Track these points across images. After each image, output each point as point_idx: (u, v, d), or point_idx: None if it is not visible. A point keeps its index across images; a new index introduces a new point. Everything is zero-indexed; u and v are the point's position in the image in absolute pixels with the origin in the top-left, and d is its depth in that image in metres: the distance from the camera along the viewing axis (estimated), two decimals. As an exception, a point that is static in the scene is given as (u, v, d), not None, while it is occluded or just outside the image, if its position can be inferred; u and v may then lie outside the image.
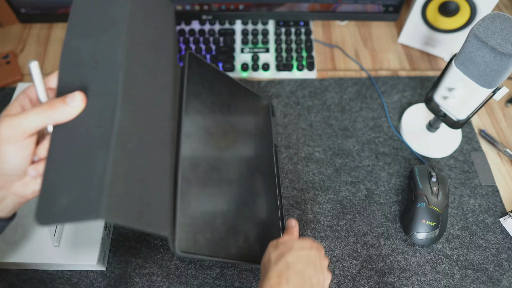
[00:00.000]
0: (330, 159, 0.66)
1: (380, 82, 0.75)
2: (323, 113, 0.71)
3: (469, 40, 0.50)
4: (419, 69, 0.78)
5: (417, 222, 0.57)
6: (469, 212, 0.62)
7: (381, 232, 0.60)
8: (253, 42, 0.78)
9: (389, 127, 0.70)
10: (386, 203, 0.63)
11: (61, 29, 0.81)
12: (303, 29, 0.80)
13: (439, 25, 0.73)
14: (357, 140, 0.69)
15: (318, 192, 0.63)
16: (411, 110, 0.71)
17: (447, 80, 0.56)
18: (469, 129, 0.70)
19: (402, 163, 0.66)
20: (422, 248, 0.59)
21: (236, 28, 0.79)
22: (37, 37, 0.80)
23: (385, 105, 0.72)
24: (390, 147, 0.68)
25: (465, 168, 0.66)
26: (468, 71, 0.52)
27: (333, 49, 0.80)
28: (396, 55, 0.80)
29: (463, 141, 0.69)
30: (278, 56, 0.76)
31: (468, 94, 0.55)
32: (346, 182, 0.64)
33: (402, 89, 0.74)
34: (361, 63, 0.78)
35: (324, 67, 0.78)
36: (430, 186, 0.59)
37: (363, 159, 0.67)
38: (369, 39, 0.82)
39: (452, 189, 0.64)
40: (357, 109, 0.72)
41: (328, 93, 0.73)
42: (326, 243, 0.59)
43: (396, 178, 0.65)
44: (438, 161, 0.67)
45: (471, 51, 0.50)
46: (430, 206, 0.58)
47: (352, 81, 0.75)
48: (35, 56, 0.78)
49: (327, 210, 0.62)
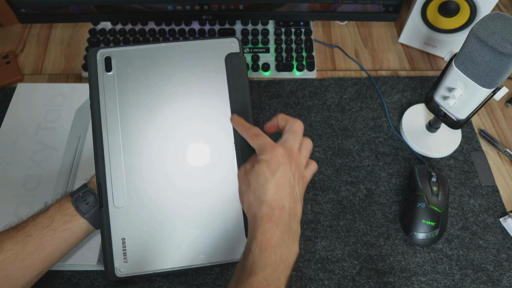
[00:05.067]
0: (330, 159, 0.67)
1: (380, 82, 0.75)
2: (323, 113, 0.71)
3: (469, 40, 0.50)
4: (419, 69, 0.78)
5: (417, 222, 0.57)
6: (469, 212, 0.62)
7: (381, 232, 0.60)
8: (253, 42, 0.78)
9: (389, 127, 0.70)
10: (386, 203, 0.63)
11: (61, 29, 0.81)
12: (303, 29, 0.80)
13: (439, 25, 0.73)
14: (357, 140, 0.69)
15: (318, 192, 0.63)
16: (411, 110, 0.71)
17: (447, 80, 0.56)
18: (469, 129, 0.70)
19: (402, 163, 0.66)
20: (422, 248, 0.59)
21: (236, 28, 0.80)
22: (37, 37, 0.80)
23: (385, 105, 0.72)
24: (390, 147, 0.68)
25: (465, 168, 0.66)
26: (468, 71, 0.52)
27: (333, 49, 0.80)
28: (396, 55, 0.80)
29: (463, 141, 0.69)
30: (278, 56, 0.76)
31: (468, 94, 0.55)
32: (346, 182, 0.64)
33: (402, 89, 0.74)
34: (361, 63, 0.78)
35: (324, 67, 0.78)
36: (430, 186, 0.59)
37: (363, 159, 0.67)
38: (369, 39, 0.82)
39: (452, 189, 0.64)
40: (357, 109, 0.72)
41: (328, 93, 0.73)
42: (326, 243, 0.59)
43: (396, 178, 0.65)
44: (438, 161, 0.67)
45: (471, 51, 0.50)
46: (430, 206, 0.58)
47: (352, 81, 0.75)
48: (35, 56, 0.78)
49: (327, 210, 0.62)
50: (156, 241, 0.48)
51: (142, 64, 0.50)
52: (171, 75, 0.50)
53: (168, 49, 0.51)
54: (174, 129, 0.50)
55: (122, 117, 0.49)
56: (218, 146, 0.50)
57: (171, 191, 0.49)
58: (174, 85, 0.50)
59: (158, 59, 0.50)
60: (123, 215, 0.48)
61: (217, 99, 0.50)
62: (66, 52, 0.78)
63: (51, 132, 0.63)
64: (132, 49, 0.50)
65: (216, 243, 0.49)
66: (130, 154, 0.49)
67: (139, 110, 0.49)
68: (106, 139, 0.48)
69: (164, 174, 0.49)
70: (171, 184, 0.49)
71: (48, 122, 0.64)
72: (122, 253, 0.47)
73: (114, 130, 0.49)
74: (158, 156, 0.49)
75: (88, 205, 0.48)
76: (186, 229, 0.49)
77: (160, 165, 0.49)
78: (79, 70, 0.76)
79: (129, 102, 0.49)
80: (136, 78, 0.50)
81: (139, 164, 0.49)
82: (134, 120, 0.49)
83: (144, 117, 0.49)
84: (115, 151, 0.48)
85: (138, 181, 0.48)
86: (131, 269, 0.48)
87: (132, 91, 0.49)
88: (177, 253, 0.49)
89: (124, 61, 0.50)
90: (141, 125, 0.49)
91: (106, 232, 0.47)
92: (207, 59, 0.51)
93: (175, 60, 0.51)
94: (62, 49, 0.79)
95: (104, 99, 0.49)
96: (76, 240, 0.48)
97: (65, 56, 0.78)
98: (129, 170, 0.48)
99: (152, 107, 0.50)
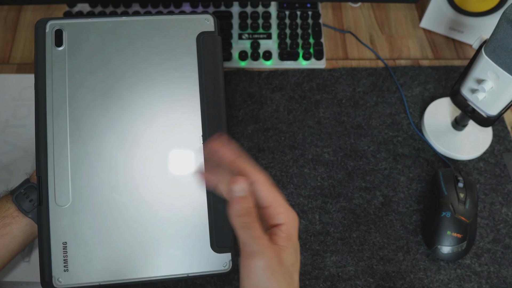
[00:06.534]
0: (341, 162, 0.66)
1: (398, 73, 0.75)
2: (333, 108, 0.71)
3: (501, 24, 0.49)
4: (443, 58, 0.78)
5: (442, 234, 0.57)
6: (502, 222, 0.62)
7: (400, 245, 0.60)
8: (253, 27, 0.78)
9: (409, 125, 0.70)
10: (406, 212, 0.63)
11: (31, 12, 0.81)
12: (310, 12, 0.80)
13: (467, 7, 0.73)
14: (372, 139, 0.69)
15: (327, 200, 0.63)
16: (434, 105, 0.71)
17: (476, 70, 0.56)
18: (501, 127, 0.70)
19: (424, 166, 0.66)
20: (447, 264, 0.59)
21: (233, 11, 0.79)
22: (4, 21, 0.80)
23: (404, 99, 0.72)
24: (411, 148, 0.68)
25: (496, 172, 0.66)
26: (500, 60, 0.52)
27: (344, 34, 0.80)
28: (417, 41, 0.80)
29: (494, 141, 0.69)
30: (281, 43, 0.76)
31: (500, 87, 0.54)
32: (360, 188, 0.64)
33: (424, 81, 0.74)
34: (377, 51, 0.78)
35: (335, 55, 0.78)
36: (457, 192, 0.59)
37: (379, 162, 0.67)
38: (386, 23, 0.82)
39: (481, 196, 0.64)
40: (372, 103, 0.72)
41: (339, 86, 0.73)
42: (337, 258, 0.59)
43: (417, 183, 0.65)
44: (466, 163, 0.67)
45: (504, 37, 0.50)
46: (457, 216, 0.58)
47: (366, 71, 0.75)
48: (2, 42, 0.77)
49: (338, 220, 0.62)
50: (104, 248, 0.47)
51: (98, 40, 0.49)
52: (132, 54, 0.49)
53: (131, 24, 0.50)
54: (133, 117, 0.48)
55: (70, 99, 0.48)
56: (183, 141, 0.49)
57: (124, 190, 0.48)
58: (135, 65, 0.49)
59: (118, 35, 0.49)
60: (65, 215, 0.46)
61: (184, 85, 0.49)
62: (38, 38, 0.78)
63: (20, 131, 0.63)
64: (88, 22, 0.49)
65: (175, 254, 0.48)
66: (78, 144, 0.47)
67: (92, 93, 0.48)
68: (50, 124, 0.47)
69: (117, 170, 0.48)
70: (125, 182, 0.48)
71: (17, 119, 0.64)
72: (63, 259, 0.46)
73: (60, 115, 0.47)
74: (111, 148, 0.48)
75: (32, 202, 0.47)
76: (140, 236, 0.47)
77: (113, 159, 0.48)
78: (52, 59, 0.76)
79: (80, 83, 0.48)
80: (91, 56, 0.49)
81: (88, 156, 0.47)
82: (85, 104, 0.48)
83: (97, 101, 0.48)
84: (60, 139, 0.47)
85: (86, 177, 0.47)
86: (72, 280, 0.46)
87: (85, 71, 0.48)
88: (129, 263, 0.47)
89: (78, 36, 0.49)
90: (93, 111, 0.48)
91: (44, 234, 0.46)
92: (175, 38, 0.50)
93: (138, 37, 0.49)
94: (33, 34, 0.78)
95: (52, 78, 0.48)
96: (18, 246, 0.47)
97: (37, 43, 0.78)
98: (76, 163, 0.47)
99: (107, 90, 0.48)
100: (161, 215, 0.48)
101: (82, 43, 0.49)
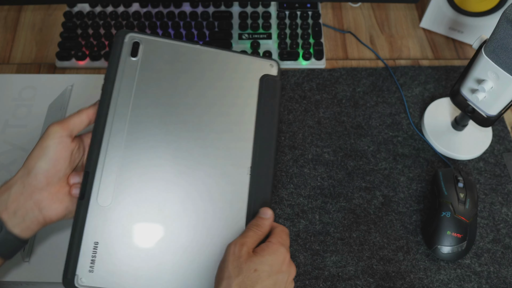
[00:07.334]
0: (341, 162, 0.67)
1: (398, 73, 0.75)
2: (333, 108, 0.71)
3: (501, 24, 0.50)
4: (443, 58, 0.78)
5: (442, 234, 0.58)
6: (502, 222, 0.62)
7: (400, 245, 0.60)
8: (253, 27, 0.78)
9: (409, 125, 0.70)
10: (406, 212, 0.63)
11: (32, 12, 0.81)
12: (310, 12, 0.80)
13: (466, 7, 0.73)
14: (372, 139, 0.69)
15: (327, 200, 0.63)
16: (434, 105, 0.71)
17: (476, 70, 0.56)
18: (501, 127, 0.70)
19: (424, 166, 0.66)
20: (447, 264, 0.59)
21: (233, 11, 0.80)
22: (4, 21, 0.80)
23: (404, 99, 0.72)
24: (410, 148, 0.68)
25: (496, 172, 0.66)
26: (500, 60, 0.52)
27: (344, 35, 0.80)
28: (417, 41, 0.80)
29: (494, 141, 0.69)
30: (281, 43, 0.76)
31: (500, 87, 0.55)
32: (360, 188, 0.64)
33: (424, 81, 0.74)
34: (377, 51, 0.78)
35: (335, 55, 0.78)
36: (457, 192, 0.59)
37: (379, 162, 0.67)
38: (386, 23, 0.82)
39: (481, 196, 0.64)
40: (372, 103, 0.72)
41: (339, 86, 0.73)
42: (337, 258, 0.59)
43: (417, 183, 0.65)
44: (466, 163, 0.67)
45: (504, 37, 0.50)
46: (457, 216, 0.58)
47: (366, 71, 0.75)
48: (2, 42, 0.78)
49: (338, 220, 0.62)
50: (134, 259, 0.46)
51: (171, 60, 0.52)
52: (198, 80, 0.52)
53: (203, 52, 0.53)
54: (187, 139, 0.50)
55: (134, 106, 0.49)
56: (230, 173, 0.50)
57: (166, 205, 0.48)
58: (199, 91, 0.51)
59: (189, 60, 0.52)
60: (104, 214, 0.46)
61: (241, 119, 0.52)
62: (38, 38, 0.78)
63: (20, 131, 0.63)
64: (164, 42, 0.52)
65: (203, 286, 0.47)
66: (131, 149, 0.48)
67: (155, 106, 0.50)
68: (109, 125, 0.48)
69: (163, 184, 0.48)
70: (169, 198, 0.48)
71: (17, 119, 0.64)
72: (91, 259, 0.45)
73: (121, 118, 0.49)
74: (162, 163, 0.49)
75: None
76: (173, 259, 0.47)
77: (161, 174, 0.48)
78: (52, 59, 0.76)
79: (145, 94, 0.50)
80: (160, 72, 0.51)
81: (138, 164, 0.48)
82: (146, 114, 0.49)
83: (158, 114, 0.50)
84: (115, 141, 0.48)
85: (131, 182, 0.48)
86: (94, 282, 0.45)
87: (152, 84, 0.50)
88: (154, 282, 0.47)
89: (153, 51, 0.51)
90: (152, 123, 0.49)
91: (78, 230, 0.46)
92: (241, 74, 0.53)
93: (207, 65, 0.52)
94: (33, 34, 0.79)
95: (120, 83, 0.49)
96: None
97: (37, 43, 0.78)
98: (125, 167, 0.48)
99: (169, 107, 0.50)
100: (199, 245, 0.48)
101: (155, 59, 0.51)
